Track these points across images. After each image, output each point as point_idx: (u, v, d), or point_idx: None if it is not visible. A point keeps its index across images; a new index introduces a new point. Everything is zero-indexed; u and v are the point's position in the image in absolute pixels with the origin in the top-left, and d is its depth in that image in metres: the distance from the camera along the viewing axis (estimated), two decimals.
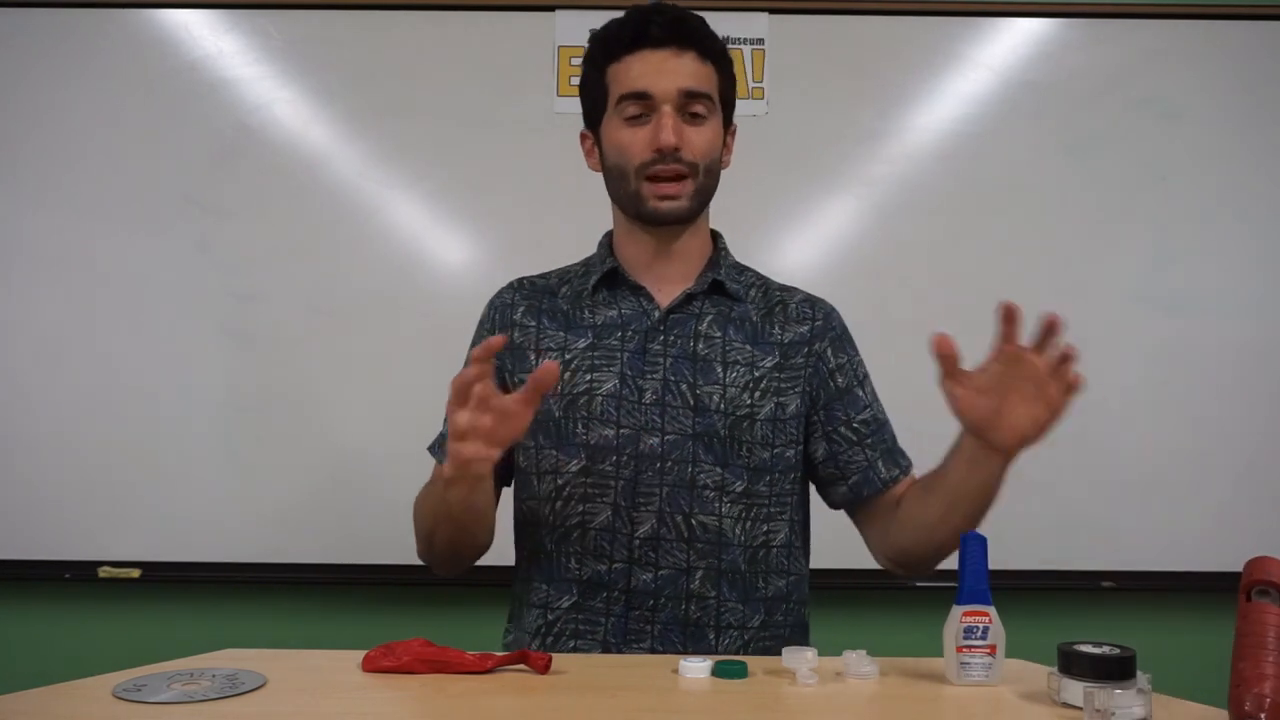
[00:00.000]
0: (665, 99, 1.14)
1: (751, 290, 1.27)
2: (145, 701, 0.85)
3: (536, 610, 1.19)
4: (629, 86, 1.16)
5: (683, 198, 1.17)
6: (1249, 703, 0.76)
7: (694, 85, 1.16)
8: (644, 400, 1.17)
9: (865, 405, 1.25)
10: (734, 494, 1.17)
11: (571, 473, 1.18)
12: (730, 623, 1.17)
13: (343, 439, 2.00)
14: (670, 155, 1.14)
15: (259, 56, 2.04)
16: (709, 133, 1.18)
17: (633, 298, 1.23)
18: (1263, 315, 2.03)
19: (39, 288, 2.01)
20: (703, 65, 1.17)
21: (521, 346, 1.24)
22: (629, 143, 1.16)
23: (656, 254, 1.22)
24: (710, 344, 1.20)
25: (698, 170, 1.17)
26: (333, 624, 2.02)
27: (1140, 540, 2.00)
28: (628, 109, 1.16)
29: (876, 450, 1.24)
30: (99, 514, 1.99)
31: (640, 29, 1.16)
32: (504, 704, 0.88)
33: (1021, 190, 2.04)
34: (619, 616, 1.15)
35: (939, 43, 2.05)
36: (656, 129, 1.14)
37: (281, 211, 2.03)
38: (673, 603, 1.15)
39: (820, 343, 1.24)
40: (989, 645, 0.93)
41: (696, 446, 1.17)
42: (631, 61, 1.16)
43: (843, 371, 1.25)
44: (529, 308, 1.26)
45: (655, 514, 1.16)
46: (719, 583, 1.16)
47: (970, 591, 0.94)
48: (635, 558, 1.15)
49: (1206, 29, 2.06)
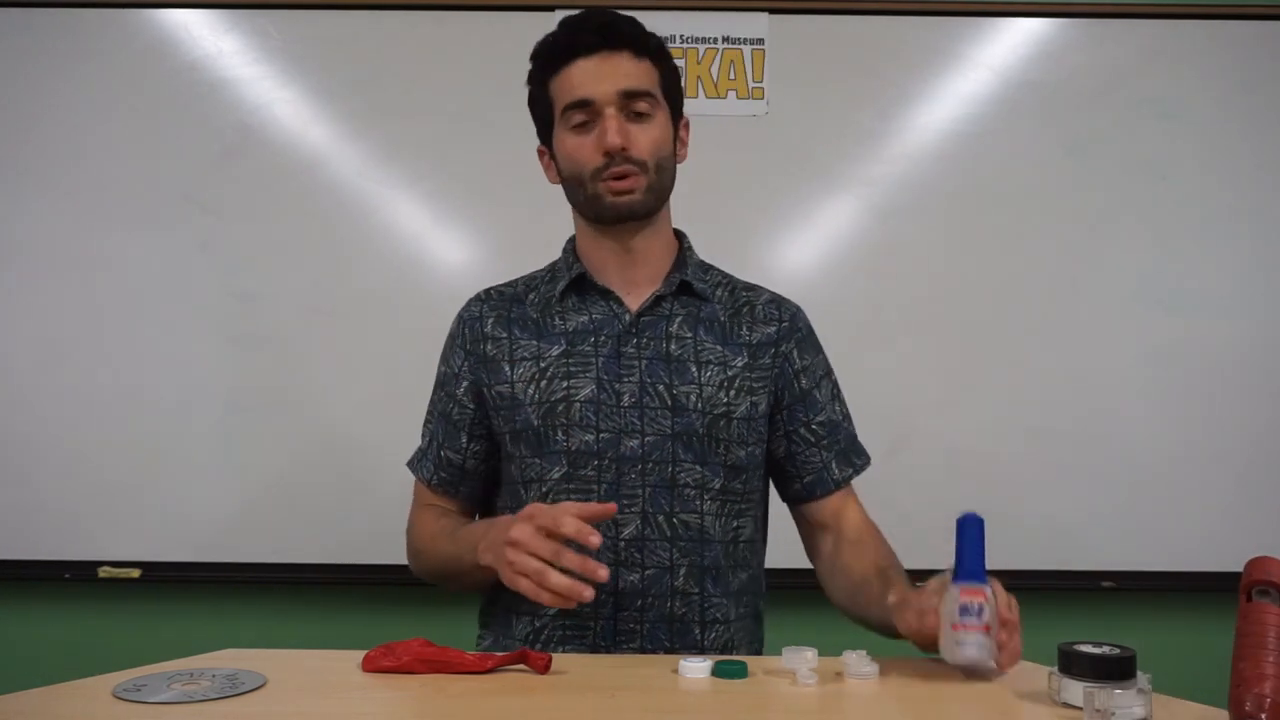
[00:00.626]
0: (606, 102, 1.16)
1: (718, 290, 1.28)
2: (145, 701, 0.85)
3: (525, 618, 1.19)
4: (570, 96, 1.18)
5: (637, 191, 1.18)
6: (1249, 703, 0.76)
7: (632, 85, 1.17)
8: (622, 403, 1.19)
9: (822, 407, 1.27)
10: (713, 491, 1.20)
11: (554, 479, 1.19)
12: (716, 617, 1.19)
13: (342, 439, 2.00)
14: (619, 157, 1.16)
15: (259, 56, 2.04)
16: (655, 130, 1.19)
17: (603, 302, 1.23)
18: (1263, 315, 2.03)
19: (39, 287, 2.02)
20: (639, 63, 1.18)
21: (495, 358, 1.24)
22: (578, 150, 1.18)
23: (620, 256, 1.24)
24: (682, 344, 1.22)
25: (648, 167, 1.18)
26: (333, 624, 2.02)
27: (1140, 540, 2.00)
28: (573, 118, 1.18)
29: (831, 451, 1.27)
30: (99, 514, 1.99)
31: (571, 39, 1.18)
32: (504, 704, 0.88)
33: (1021, 190, 2.04)
34: (608, 619, 1.16)
35: (939, 43, 2.05)
36: (602, 133, 1.16)
37: (281, 211, 2.03)
38: (659, 601, 1.16)
39: (787, 344, 1.26)
40: (984, 624, 0.93)
41: (676, 446, 1.18)
42: (570, 72, 1.18)
43: (807, 373, 1.27)
44: (498, 318, 1.26)
45: (639, 515, 1.17)
46: (702, 579, 1.18)
47: (968, 571, 0.95)
48: (621, 559, 1.16)
49: (1206, 29, 2.06)
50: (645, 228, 1.23)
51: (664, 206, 1.25)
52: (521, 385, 1.20)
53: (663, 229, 1.26)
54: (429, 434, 1.30)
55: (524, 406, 1.19)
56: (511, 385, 1.21)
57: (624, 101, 1.17)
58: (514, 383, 1.21)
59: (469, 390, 1.25)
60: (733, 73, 2.05)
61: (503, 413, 1.22)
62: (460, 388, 1.26)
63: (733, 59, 2.05)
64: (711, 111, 2.02)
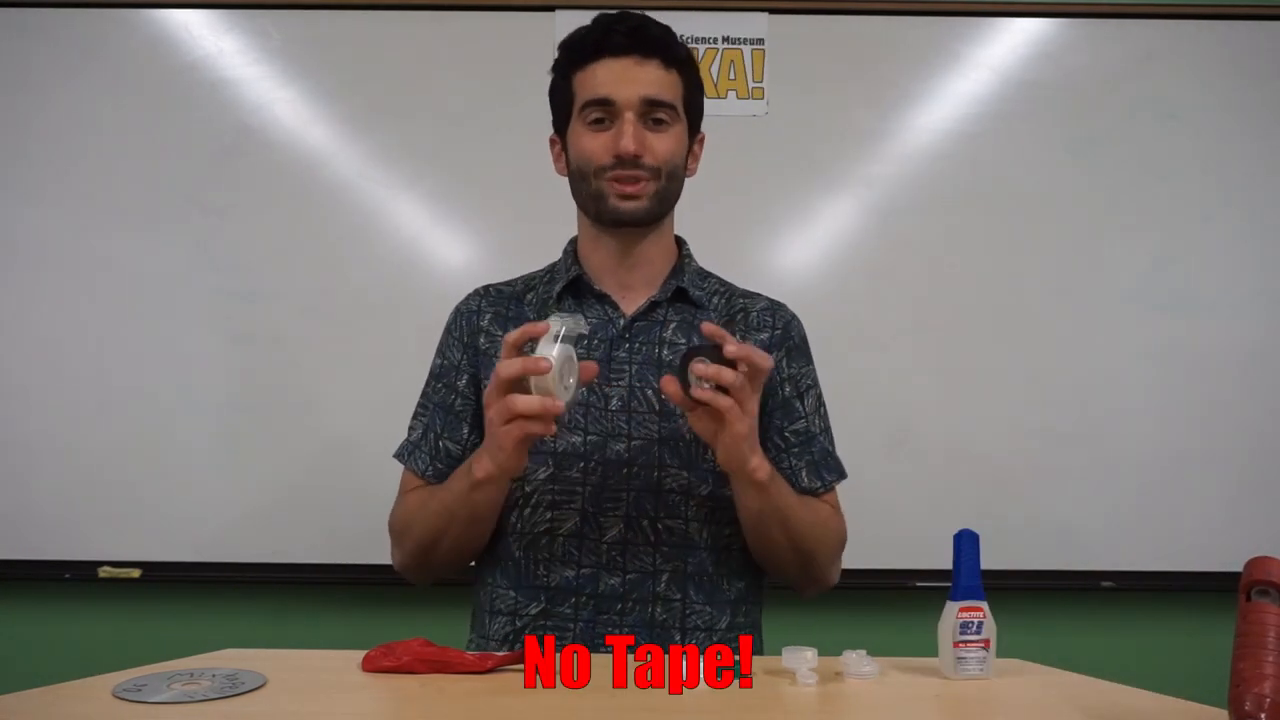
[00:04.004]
0: (627, 106, 1.17)
1: (714, 298, 1.28)
2: (145, 701, 0.85)
3: (504, 618, 1.19)
4: (592, 93, 1.18)
5: (643, 198, 1.18)
6: (1249, 703, 0.76)
7: (656, 94, 1.18)
8: (610, 407, 1.19)
9: (800, 416, 1.26)
10: (699, 497, 1.18)
11: (539, 480, 1.18)
12: (698, 625, 1.17)
13: (342, 439, 2.00)
14: (630, 161, 1.16)
15: (259, 56, 2.04)
16: (671, 140, 1.20)
17: (598, 306, 1.24)
18: (1263, 315, 2.03)
19: (39, 287, 2.01)
20: (666, 73, 1.19)
21: (487, 352, 1.24)
22: (591, 147, 1.18)
23: (620, 259, 1.24)
24: (675, 350, 1.21)
25: (659, 174, 1.19)
26: (333, 624, 2.01)
27: (1140, 540, 2.00)
28: (591, 114, 1.18)
29: (802, 460, 1.25)
30: (99, 514, 1.99)
31: (603, 37, 1.18)
32: (504, 704, 0.88)
33: (1021, 190, 2.04)
34: (587, 621, 1.16)
35: (939, 43, 2.05)
36: (618, 135, 1.16)
37: (281, 211, 2.03)
38: (639, 606, 1.16)
39: (778, 351, 1.26)
40: (984, 639, 0.94)
41: (663, 451, 1.18)
42: (596, 69, 1.18)
43: (792, 381, 1.27)
44: (495, 315, 1.27)
45: (622, 519, 1.17)
46: (685, 585, 1.17)
47: (964, 588, 0.95)
48: (603, 562, 1.16)
49: (1206, 29, 2.06)
50: (647, 234, 1.23)
51: (668, 215, 1.25)
52: None
53: (664, 236, 1.27)
54: (422, 426, 1.28)
55: None
56: None
57: (645, 109, 1.17)
58: None
59: (470, 383, 1.26)
60: (733, 73, 2.05)
61: None
62: (462, 380, 1.26)
63: (733, 59, 2.05)
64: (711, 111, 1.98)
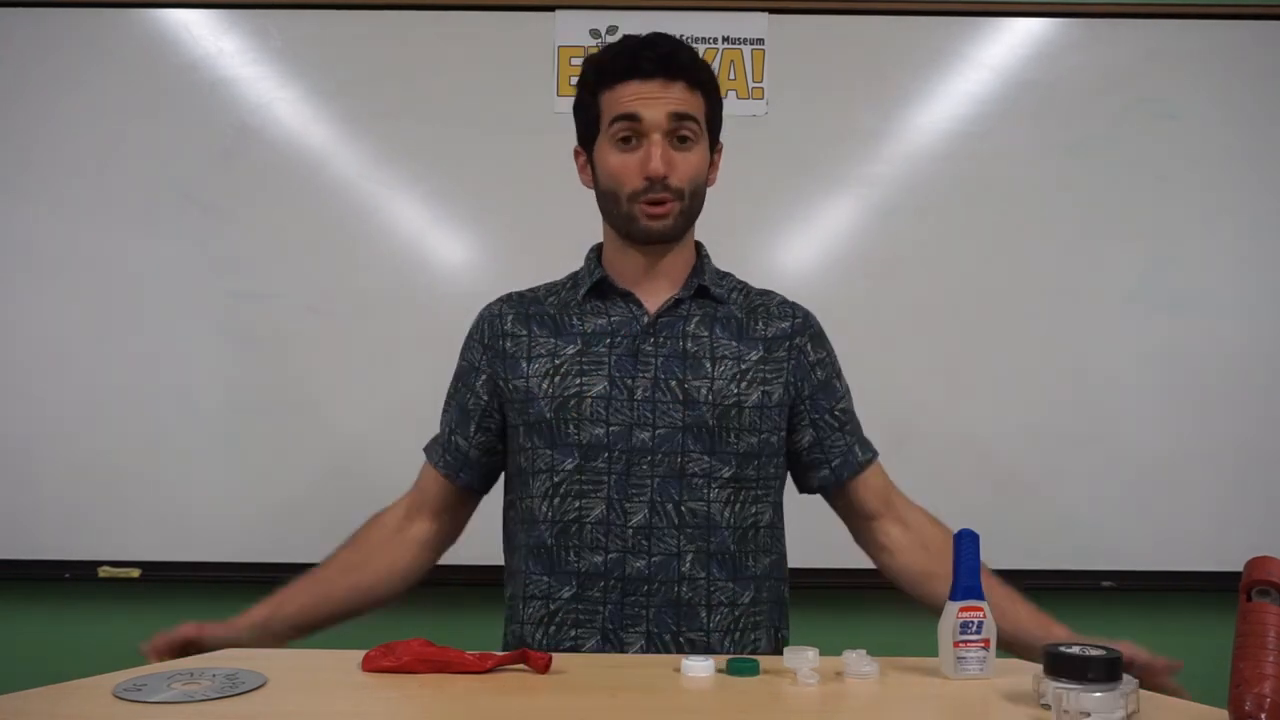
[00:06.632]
0: (655, 126, 1.21)
1: (734, 294, 1.34)
2: (145, 701, 0.85)
3: (539, 601, 1.24)
4: (621, 109, 1.22)
5: (670, 217, 1.24)
6: (1249, 703, 0.76)
7: (682, 108, 1.22)
8: (635, 398, 1.23)
9: (841, 395, 1.35)
10: (722, 480, 1.23)
11: (567, 470, 1.23)
12: (721, 600, 1.23)
13: (342, 439, 2.00)
14: (659, 184, 1.21)
15: (259, 56, 2.04)
16: (695, 158, 1.25)
17: (623, 304, 1.28)
18: (1262, 316, 2.03)
19: (39, 287, 2.01)
20: (691, 94, 1.24)
21: (513, 354, 1.28)
22: (621, 169, 1.23)
23: (645, 269, 1.29)
24: (699, 342, 1.26)
25: (684, 194, 1.24)
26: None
27: (1140, 540, 2.00)
28: (619, 131, 1.23)
29: (854, 436, 1.34)
30: (99, 514, 1.99)
31: (633, 61, 1.22)
32: (504, 704, 0.88)
33: (1021, 190, 2.04)
34: (615, 604, 1.21)
35: (939, 43, 2.05)
36: (647, 157, 1.21)
37: (281, 211, 2.03)
38: (665, 586, 1.21)
39: (800, 338, 1.32)
40: (983, 639, 0.95)
41: (685, 438, 1.23)
42: (624, 89, 1.22)
43: (822, 365, 1.33)
44: (518, 316, 1.31)
45: (647, 504, 1.21)
46: (708, 564, 1.22)
47: (964, 588, 0.96)
48: (630, 547, 1.21)
49: (1206, 29, 2.06)
50: (672, 246, 1.28)
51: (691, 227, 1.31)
52: (536, 380, 1.25)
53: (687, 244, 1.32)
54: (445, 422, 1.35)
55: (538, 400, 1.24)
56: (526, 380, 1.26)
57: (672, 125, 1.22)
58: (529, 377, 1.26)
59: (486, 384, 1.30)
60: (733, 73, 2.05)
61: (517, 405, 1.26)
62: (479, 380, 1.31)
63: (733, 59, 2.05)
64: None
